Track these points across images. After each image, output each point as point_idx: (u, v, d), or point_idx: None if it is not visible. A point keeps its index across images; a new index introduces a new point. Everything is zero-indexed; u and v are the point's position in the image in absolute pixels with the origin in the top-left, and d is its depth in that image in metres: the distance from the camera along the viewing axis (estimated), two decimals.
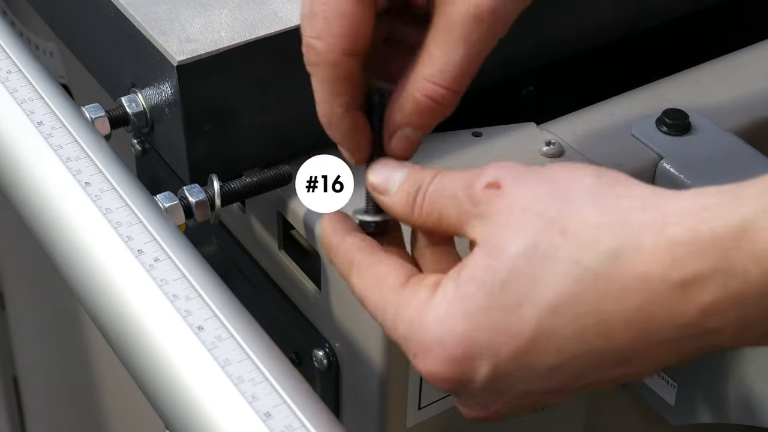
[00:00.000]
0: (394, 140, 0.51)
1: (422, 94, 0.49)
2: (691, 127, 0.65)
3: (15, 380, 1.27)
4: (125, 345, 0.47)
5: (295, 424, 0.42)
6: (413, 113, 0.50)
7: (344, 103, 0.50)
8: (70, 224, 0.50)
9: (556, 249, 0.42)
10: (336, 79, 0.50)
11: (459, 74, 0.48)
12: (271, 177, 0.60)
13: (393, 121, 0.50)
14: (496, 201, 0.45)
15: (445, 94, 0.49)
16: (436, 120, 0.50)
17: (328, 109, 0.51)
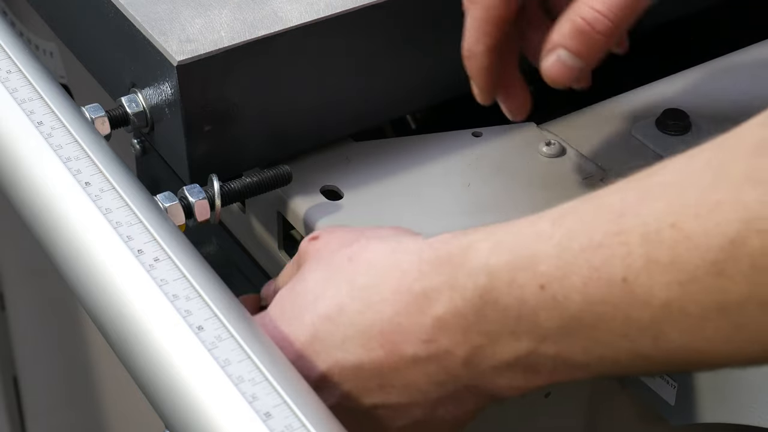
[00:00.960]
0: (549, 60, 0.55)
1: (580, 16, 0.53)
2: (691, 127, 0.65)
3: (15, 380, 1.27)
4: (125, 345, 0.47)
5: (295, 424, 0.42)
6: (568, 34, 0.54)
7: (486, 43, 0.56)
8: (70, 224, 0.50)
9: (340, 271, 0.49)
10: (486, 19, 0.56)
11: (617, 4, 0.52)
12: (271, 177, 0.60)
13: (550, 41, 0.54)
14: (311, 247, 0.52)
15: (601, 20, 0.53)
16: (590, 49, 0.54)
17: (472, 45, 0.57)
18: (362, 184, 0.62)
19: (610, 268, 0.41)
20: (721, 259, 0.39)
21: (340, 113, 0.64)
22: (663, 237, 0.40)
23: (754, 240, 0.39)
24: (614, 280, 0.41)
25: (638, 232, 0.41)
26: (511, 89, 0.60)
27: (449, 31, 0.65)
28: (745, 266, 0.39)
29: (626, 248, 0.41)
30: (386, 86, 0.64)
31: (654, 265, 0.41)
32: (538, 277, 0.43)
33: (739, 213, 0.39)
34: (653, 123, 0.65)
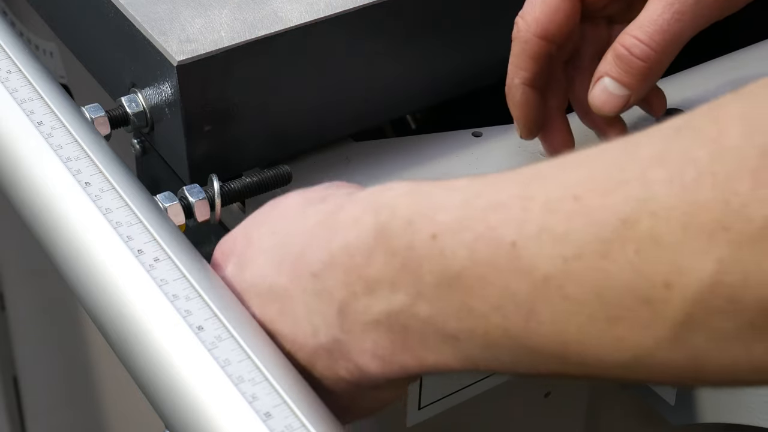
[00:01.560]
0: (594, 90, 0.57)
1: (621, 44, 0.56)
2: None
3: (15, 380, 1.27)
4: (125, 345, 0.47)
5: (295, 424, 0.42)
6: (611, 62, 0.57)
7: (523, 77, 0.59)
8: (70, 224, 0.50)
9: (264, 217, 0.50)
10: (522, 54, 0.58)
11: (656, 31, 0.55)
12: (271, 177, 0.60)
13: (597, 71, 0.57)
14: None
15: (639, 46, 0.55)
16: (632, 76, 0.56)
17: (510, 79, 0.59)
18: (362, 184, 0.62)
19: (504, 229, 0.40)
20: (609, 238, 0.38)
21: (340, 113, 0.64)
22: (564, 207, 0.39)
23: (644, 222, 0.37)
24: (504, 242, 0.40)
25: (542, 199, 0.40)
26: (552, 131, 0.62)
27: (449, 31, 0.65)
28: (630, 251, 0.38)
29: (525, 213, 0.40)
30: (386, 86, 0.64)
31: (546, 234, 0.39)
32: (434, 225, 0.42)
33: (638, 192, 0.38)
34: (653, 123, 0.65)
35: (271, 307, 0.48)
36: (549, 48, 0.58)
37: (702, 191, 0.36)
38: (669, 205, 0.37)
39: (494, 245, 0.40)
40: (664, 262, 0.37)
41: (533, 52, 0.58)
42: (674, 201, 0.37)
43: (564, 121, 0.62)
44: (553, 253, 0.39)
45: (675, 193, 0.37)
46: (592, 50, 0.60)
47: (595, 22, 0.61)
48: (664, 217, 0.37)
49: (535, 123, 0.60)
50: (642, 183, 0.38)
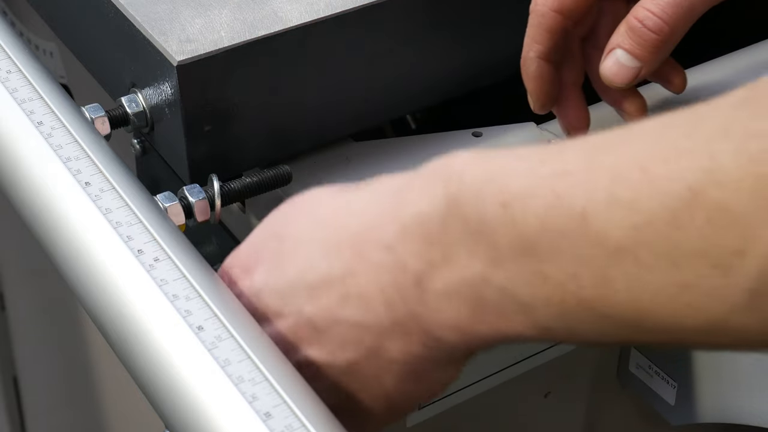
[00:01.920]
0: (606, 61, 0.58)
1: (634, 16, 0.57)
2: None
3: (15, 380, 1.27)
4: (125, 345, 0.47)
5: (295, 424, 0.42)
6: (623, 34, 0.57)
7: (538, 50, 0.59)
8: (70, 224, 0.50)
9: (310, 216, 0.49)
10: (538, 27, 0.59)
11: (669, 3, 0.56)
12: (271, 177, 0.60)
13: (609, 43, 0.58)
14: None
15: (652, 18, 0.56)
16: (644, 48, 0.57)
17: (525, 52, 0.60)
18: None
19: (572, 198, 0.40)
20: (678, 207, 0.38)
21: (340, 113, 0.64)
22: (630, 177, 0.39)
23: (712, 191, 0.37)
24: (574, 210, 0.40)
25: (608, 168, 0.40)
26: (567, 106, 0.62)
27: (449, 31, 0.65)
28: (700, 219, 0.38)
29: (592, 182, 0.40)
30: (386, 86, 0.64)
31: (615, 203, 0.39)
32: (503, 193, 0.42)
33: (704, 162, 0.38)
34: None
35: (328, 295, 0.47)
36: (565, 22, 0.58)
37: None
38: (736, 177, 0.37)
39: (564, 214, 0.41)
40: (735, 231, 0.37)
41: (549, 25, 0.58)
42: (741, 173, 0.37)
43: (580, 97, 0.62)
44: (623, 222, 0.39)
45: (741, 165, 0.37)
46: (610, 27, 0.60)
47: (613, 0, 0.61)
48: (732, 188, 0.37)
49: (548, 97, 0.61)
50: (708, 154, 0.38)
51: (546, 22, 0.58)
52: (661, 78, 0.63)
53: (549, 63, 0.60)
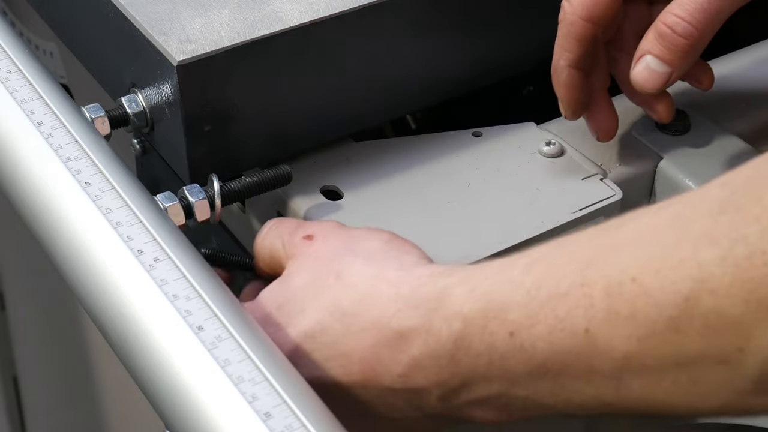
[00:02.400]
0: (636, 67, 0.59)
1: (663, 23, 0.57)
2: (691, 127, 0.65)
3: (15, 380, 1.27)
4: (125, 345, 0.47)
5: (295, 424, 0.42)
6: (652, 39, 0.58)
7: (568, 59, 0.59)
8: (70, 224, 0.50)
9: (327, 288, 0.50)
10: (568, 36, 0.59)
11: (697, 9, 0.56)
12: (271, 177, 0.60)
13: (638, 49, 0.58)
14: (305, 248, 0.53)
15: (681, 23, 0.57)
16: (674, 53, 0.57)
17: (555, 60, 0.60)
18: (362, 184, 0.62)
19: (574, 319, 0.43)
20: (676, 315, 0.41)
21: (340, 113, 0.64)
22: (624, 290, 0.42)
23: (706, 299, 0.40)
24: (577, 330, 0.43)
25: (602, 284, 0.43)
26: (596, 111, 0.62)
27: (449, 31, 0.65)
28: (698, 324, 0.40)
29: (589, 300, 0.43)
30: (386, 86, 0.64)
31: (615, 317, 0.42)
32: (507, 324, 0.45)
33: (694, 271, 0.40)
34: (653, 123, 0.65)
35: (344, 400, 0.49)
36: (594, 30, 0.59)
37: (755, 268, 0.39)
38: (726, 283, 0.39)
39: (569, 335, 0.43)
40: (733, 332, 0.40)
41: (578, 34, 0.59)
42: (729, 279, 0.39)
43: (608, 101, 0.63)
44: (626, 334, 0.42)
45: (729, 272, 0.39)
46: (634, 30, 0.61)
47: (636, 2, 0.61)
48: (724, 294, 0.40)
49: (579, 104, 0.61)
50: (696, 263, 0.40)
51: (576, 31, 0.59)
52: (691, 78, 0.63)
53: (579, 71, 0.60)
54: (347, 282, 0.50)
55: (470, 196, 0.62)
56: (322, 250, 0.53)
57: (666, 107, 0.62)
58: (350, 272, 0.50)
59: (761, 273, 0.39)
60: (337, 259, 0.51)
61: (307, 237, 0.54)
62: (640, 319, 0.41)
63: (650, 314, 0.41)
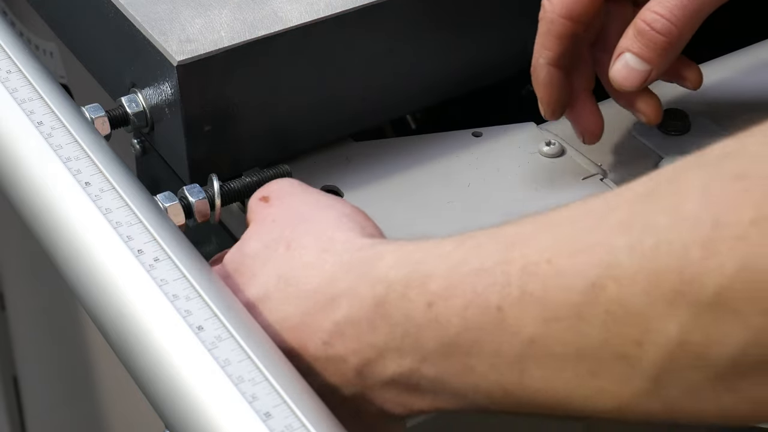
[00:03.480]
0: (615, 65, 0.58)
1: (642, 20, 0.57)
2: (691, 127, 0.65)
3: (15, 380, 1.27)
4: (125, 345, 0.47)
5: (295, 424, 0.42)
6: (632, 37, 0.57)
7: (547, 56, 0.59)
8: (70, 224, 0.50)
9: (276, 255, 0.50)
10: (548, 34, 0.58)
11: (676, 5, 0.56)
12: (271, 177, 0.60)
13: (618, 47, 0.58)
14: (261, 210, 0.53)
15: (660, 21, 0.56)
16: (653, 51, 0.57)
17: (535, 59, 0.60)
18: (362, 184, 0.62)
19: (489, 294, 0.43)
20: (581, 301, 0.40)
21: (340, 113, 0.64)
22: (539, 271, 0.42)
23: (611, 286, 0.40)
24: (490, 307, 0.43)
25: (520, 263, 0.42)
26: (581, 112, 0.62)
27: (449, 31, 0.65)
28: (601, 312, 0.40)
29: (507, 277, 0.42)
30: (386, 86, 0.64)
31: (528, 297, 0.42)
32: (427, 295, 0.44)
33: (604, 257, 0.40)
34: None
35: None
36: (574, 28, 0.58)
37: (660, 258, 0.39)
38: (631, 272, 0.39)
39: (482, 311, 0.43)
40: (633, 323, 0.39)
41: (558, 32, 0.58)
42: (635, 268, 0.39)
43: (591, 101, 0.62)
44: (535, 316, 0.42)
45: (636, 261, 0.39)
46: (618, 29, 0.60)
47: (620, 2, 0.61)
48: (627, 283, 0.39)
49: (559, 103, 0.61)
50: (607, 249, 0.40)
51: (555, 29, 0.58)
52: (675, 76, 0.62)
53: (559, 69, 0.59)
54: (295, 252, 0.50)
55: (470, 196, 0.62)
56: (277, 214, 0.52)
57: (652, 108, 0.62)
58: (300, 243, 0.50)
59: (664, 264, 0.38)
60: (290, 227, 0.51)
61: (263, 198, 0.54)
62: (549, 302, 0.41)
63: (558, 298, 0.41)
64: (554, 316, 0.41)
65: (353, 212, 0.52)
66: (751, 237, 0.37)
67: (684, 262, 0.38)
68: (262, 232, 0.52)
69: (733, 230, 0.37)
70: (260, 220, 0.52)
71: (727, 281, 0.37)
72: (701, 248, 0.38)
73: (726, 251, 0.37)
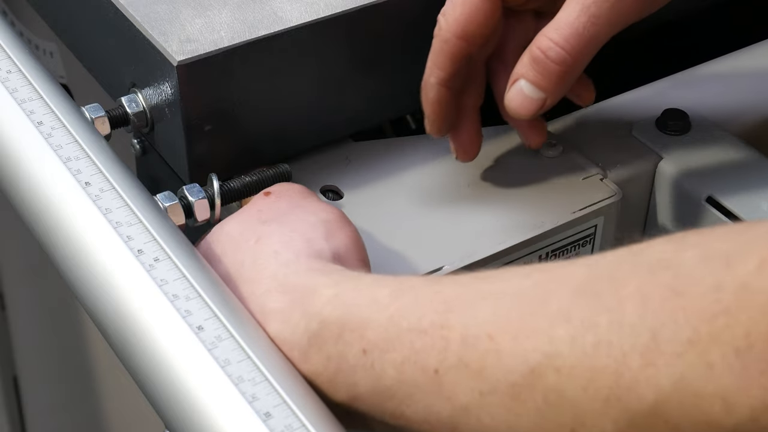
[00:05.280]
0: (510, 92, 0.57)
1: (537, 47, 0.55)
2: (691, 127, 0.65)
3: (15, 380, 1.27)
4: (125, 345, 0.47)
5: (295, 424, 0.42)
6: (527, 64, 0.56)
7: (438, 76, 0.58)
8: (69, 224, 0.50)
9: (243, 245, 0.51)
10: (441, 53, 0.57)
11: (572, 34, 0.54)
12: (271, 177, 0.60)
13: (513, 73, 0.57)
14: (258, 199, 0.55)
15: (555, 49, 0.55)
16: (548, 79, 0.56)
17: (426, 77, 0.59)
18: (362, 184, 0.62)
19: (428, 356, 0.43)
20: (519, 383, 0.41)
21: (340, 113, 0.64)
22: (478, 344, 0.42)
23: (550, 376, 0.40)
24: (428, 368, 0.43)
25: (459, 332, 0.43)
26: (462, 130, 0.61)
27: None
28: (538, 398, 0.41)
29: (445, 343, 0.43)
30: (386, 86, 0.64)
31: (464, 367, 0.42)
32: (363, 341, 0.45)
33: (545, 346, 0.41)
34: (653, 123, 0.65)
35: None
36: (469, 49, 0.57)
37: (599, 358, 0.39)
38: (570, 364, 0.40)
39: (419, 370, 0.44)
40: (569, 414, 0.40)
41: (451, 52, 0.57)
42: (575, 361, 0.40)
43: (476, 121, 0.61)
44: (471, 385, 0.42)
45: (576, 355, 0.40)
46: (518, 44, 0.59)
47: (521, 16, 0.60)
48: (566, 374, 0.40)
49: (445, 122, 0.60)
50: (549, 338, 0.41)
51: (449, 49, 0.57)
52: (571, 93, 0.61)
53: (449, 89, 0.58)
54: (257, 248, 0.50)
55: (470, 196, 0.62)
56: (265, 207, 0.54)
57: (537, 134, 0.61)
58: (265, 241, 0.51)
59: (603, 364, 0.39)
60: (267, 224, 0.52)
61: (266, 192, 0.55)
62: (486, 376, 0.42)
63: (496, 374, 0.42)
64: (490, 391, 0.42)
65: (336, 222, 0.53)
66: (688, 356, 0.38)
67: (622, 367, 0.39)
68: (245, 218, 0.53)
69: (670, 347, 0.38)
70: (250, 206, 0.54)
71: (663, 396, 0.38)
72: (640, 356, 0.39)
73: (663, 366, 0.38)
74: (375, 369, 0.45)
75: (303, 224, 0.52)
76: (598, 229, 0.61)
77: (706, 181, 0.62)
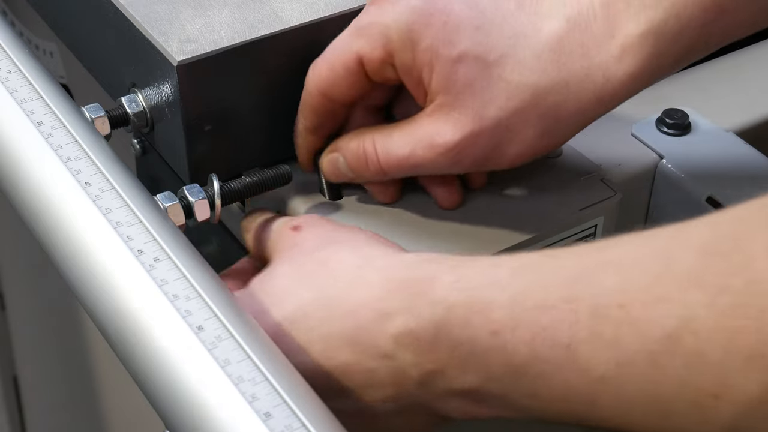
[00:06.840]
0: (327, 156, 0.59)
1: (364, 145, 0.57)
2: (691, 127, 0.65)
3: (15, 380, 1.28)
4: (125, 345, 0.47)
5: (295, 424, 0.42)
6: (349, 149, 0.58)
7: (303, 125, 0.59)
8: (69, 224, 0.50)
9: (311, 274, 0.51)
10: (304, 104, 0.59)
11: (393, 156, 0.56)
12: (271, 177, 0.60)
13: (337, 141, 0.59)
14: (291, 238, 0.54)
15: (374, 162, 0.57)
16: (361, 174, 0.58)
17: (297, 121, 0.60)
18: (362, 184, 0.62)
19: (557, 331, 0.44)
20: (657, 350, 0.41)
21: None
22: (610, 314, 0.43)
23: (688, 339, 0.40)
24: (559, 343, 0.44)
25: (588, 303, 0.43)
26: None
27: None
28: (678, 363, 0.41)
29: (575, 316, 0.43)
30: None
31: (597, 339, 0.43)
32: (491, 323, 0.45)
33: (680, 311, 0.41)
34: (653, 123, 0.65)
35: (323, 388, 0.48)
36: (330, 106, 0.58)
37: (738, 318, 0.40)
38: (709, 327, 0.40)
39: (550, 345, 0.44)
40: (711, 376, 0.40)
41: (314, 105, 0.58)
42: (713, 323, 0.40)
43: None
44: (606, 357, 0.43)
45: (714, 317, 0.40)
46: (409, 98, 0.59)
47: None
48: (706, 337, 0.40)
49: (313, 162, 0.61)
50: (683, 303, 0.41)
51: (312, 101, 0.58)
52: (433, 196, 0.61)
53: (315, 135, 0.60)
54: (333, 269, 0.50)
55: (470, 196, 0.62)
56: (307, 238, 0.54)
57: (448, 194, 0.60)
58: (336, 259, 0.51)
59: (743, 324, 0.39)
60: (322, 248, 0.52)
61: (294, 228, 0.55)
62: (622, 346, 0.42)
63: (633, 344, 0.42)
64: (628, 361, 0.42)
65: (376, 235, 0.54)
66: None
67: (760, 324, 0.39)
68: (292, 254, 0.53)
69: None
70: (289, 246, 0.54)
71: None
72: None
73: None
74: (507, 349, 0.45)
75: (357, 239, 0.53)
76: (598, 229, 0.61)
77: (706, 181, 0.62)
